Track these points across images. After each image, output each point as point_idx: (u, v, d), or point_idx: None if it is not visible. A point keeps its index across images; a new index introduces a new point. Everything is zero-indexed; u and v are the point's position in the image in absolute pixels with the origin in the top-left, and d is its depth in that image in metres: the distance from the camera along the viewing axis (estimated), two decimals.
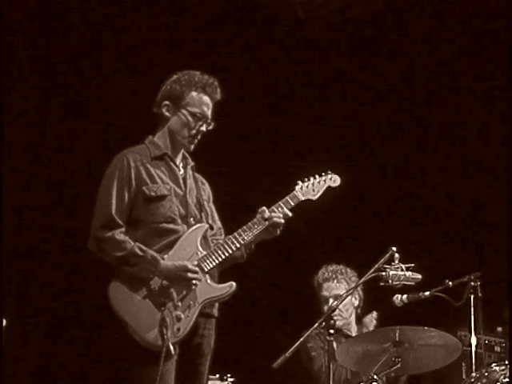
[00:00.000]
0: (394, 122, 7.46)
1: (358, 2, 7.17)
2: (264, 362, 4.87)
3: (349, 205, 7.06)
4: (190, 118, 4.49)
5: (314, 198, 4.67)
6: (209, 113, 4.53)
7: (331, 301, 5.59)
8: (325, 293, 5.78)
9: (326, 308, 5.65)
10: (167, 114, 4.52)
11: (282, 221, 4.48)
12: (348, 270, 5.81)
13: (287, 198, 4.57)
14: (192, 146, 4.55)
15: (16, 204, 6.44)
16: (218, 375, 5.37)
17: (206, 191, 4.66)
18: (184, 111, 4.49)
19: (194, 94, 4.50)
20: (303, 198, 4.62)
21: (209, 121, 4.52)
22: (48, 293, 6.68)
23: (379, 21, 7.29)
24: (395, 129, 7.47)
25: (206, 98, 4.51)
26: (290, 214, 4.52)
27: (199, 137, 4.54)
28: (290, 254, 7.22)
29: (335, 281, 5.76)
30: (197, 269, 4.31)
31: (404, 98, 7.41)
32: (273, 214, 4.46)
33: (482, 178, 7.20)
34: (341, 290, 5.65)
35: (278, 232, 4.52)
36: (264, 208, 4.49)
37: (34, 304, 6.66)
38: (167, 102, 4.52)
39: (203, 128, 4.51)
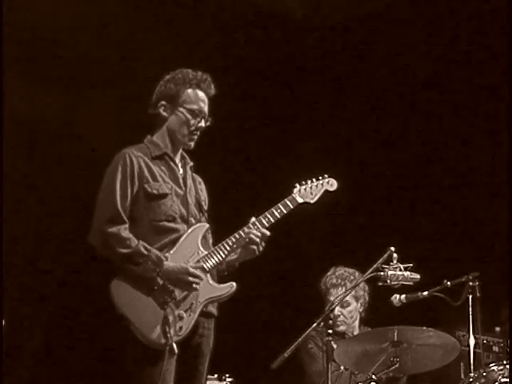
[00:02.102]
0: (394, 124, 7.47)
1: (357, 4, 7.19)
2: (262, 362, 4.88)
3: (348, 205, 7.07)
4: (188, 116, 4.50)
5: (312, 201, 4.71)
6: (206, 108, 4.54)
7: (337, 308, 5.60)
8: (332, 298, 5.70)
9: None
10: (164, 113, 4.53)
11: (258, 240, 4.45)
12: (357, 274, 5.74)
13: (286, 200, 4.60)
14: (192, 144, 4.56)
15: (16, 203, 6.45)
16: (216, 375, 5.38)
17: (204, 192, 4.68)
18: (181, 109, 4.50)
19: (189, 91, 4.51)
20: (301, 201, 4.65)
21: (206, 116, 4.54)
22: (49, 290, 6.69)
23: (379, 22, 7.30)
24: (395, 129, 7.48)
25: (201, 94, 4.53)
26: (268, 233, 4.49)
27: (198, 133, 4.55)
28: (289, 254, 7.23)
29: (344, 288, 5.72)
30: (198, 272, 4.31)
31: (403, 101, 7.42)
32: (250, 231, 4.45)
33: (482, 178, 7.21)
34: (348, 297, 5.64)
35: (257, 252, 4.48)
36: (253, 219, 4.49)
37: (33, 302, 6.66)
38: (163, 102, 4.53)
39: (202, 124, 4.52)
